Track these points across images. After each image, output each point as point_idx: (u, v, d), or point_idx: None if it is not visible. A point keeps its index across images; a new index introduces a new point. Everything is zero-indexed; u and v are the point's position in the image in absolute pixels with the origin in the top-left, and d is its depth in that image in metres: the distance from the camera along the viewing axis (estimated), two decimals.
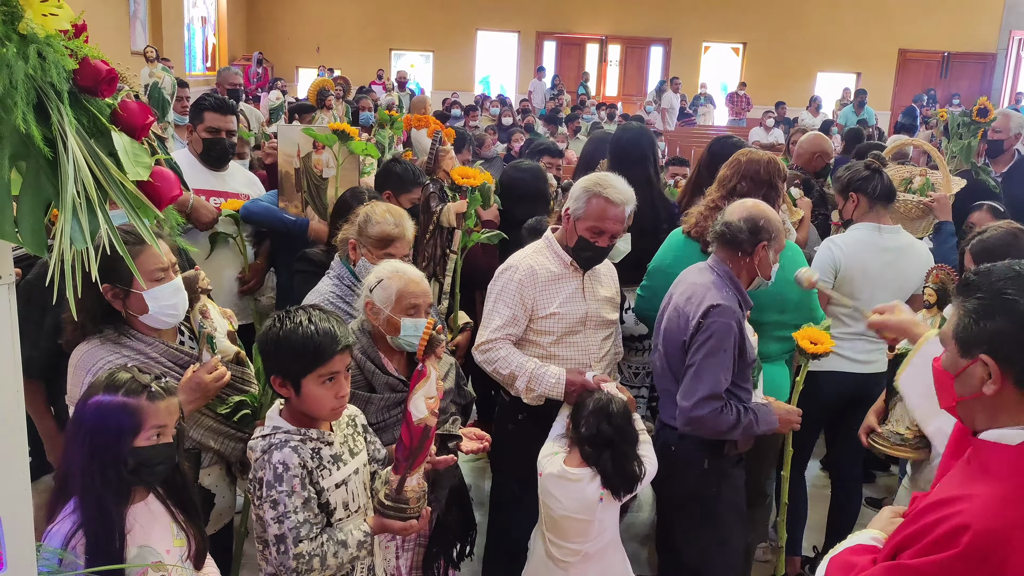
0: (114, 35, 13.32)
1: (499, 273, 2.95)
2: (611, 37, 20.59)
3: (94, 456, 1.80)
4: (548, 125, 11.74)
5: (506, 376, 2.86)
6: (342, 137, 3.88)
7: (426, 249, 3.40)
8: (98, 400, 1.83)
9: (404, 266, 2.60)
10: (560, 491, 2.63)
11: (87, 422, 1.83)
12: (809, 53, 19.67)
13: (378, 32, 19.95)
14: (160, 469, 1.89)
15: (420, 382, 2.13)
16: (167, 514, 1.96)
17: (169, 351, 2.30)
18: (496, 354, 2.85)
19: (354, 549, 2.08)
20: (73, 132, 1.27)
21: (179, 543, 1.96)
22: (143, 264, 2.18)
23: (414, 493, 2.17)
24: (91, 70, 1.33)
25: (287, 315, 2.10)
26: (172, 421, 1.90)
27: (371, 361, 2.53)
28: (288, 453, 2.03)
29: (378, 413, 2.53)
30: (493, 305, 2.90)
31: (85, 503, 1.80)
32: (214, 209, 3.62)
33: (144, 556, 1.86)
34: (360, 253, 2.86)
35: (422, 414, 2.11)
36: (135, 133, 1.40)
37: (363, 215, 2.89)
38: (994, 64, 19.98)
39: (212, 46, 18.28)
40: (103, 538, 1.78)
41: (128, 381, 1.85)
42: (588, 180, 2.89)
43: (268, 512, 2.01)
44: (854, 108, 15.48)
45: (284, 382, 2.07)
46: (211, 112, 3.75)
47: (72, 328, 2.26)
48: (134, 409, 1.83)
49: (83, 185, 1.26)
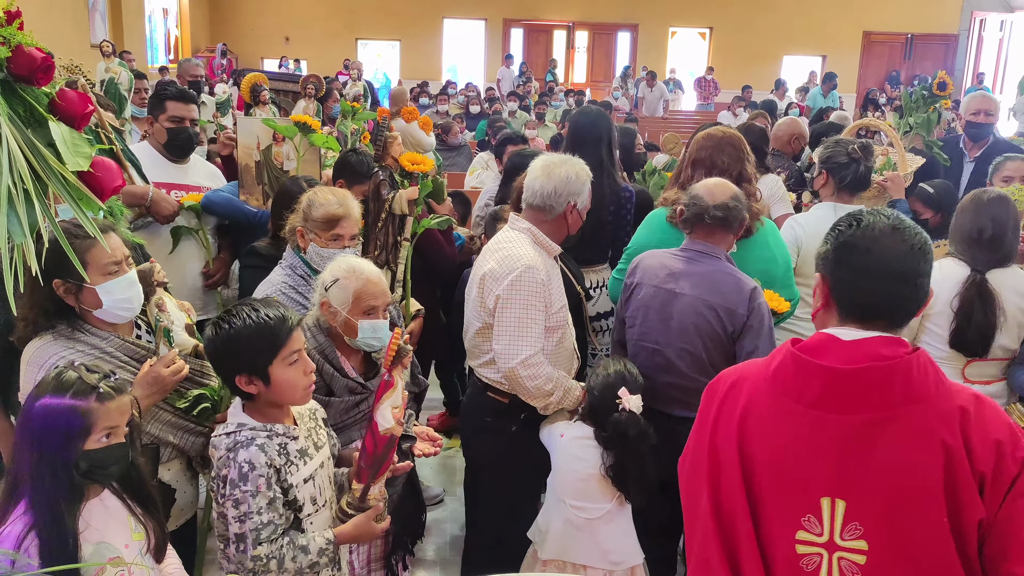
0: (72, 28, 13.07)
1: (516, 274, 2.71)
2: (578, 23, 20.58)
3: (43, 459, 1.76)
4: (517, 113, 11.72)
5: (546, 391, 2.75)
6: (303, 129, 3.85)
7: (378, 237, 3.35)
8: (45, 403, 1.77)
9: (361, 264, 2.52)
10: (586, 452, 2.73)
11: (35, 424, 1.78)
12: (775, 37, 19.81)
13: (344, 22, 19.77)
14: (113, 470, 1.85)
15: (387, 392, 2.12)
16: (124, 508, 1.92)
17: (125, 345, 2.26)
18: (541, 370, 2.71)
19: (314, 555, 2.05)
20: (7, 121, 1.24)
21: (138, 536, 1.93)
22: (95, 258, 2.13)
23: (376, 500, 2.18)
24: (25, 58, 1.30)
25: (229, 315, 2.06)
26: (123, 420, 1.85)
27: (330, 363, 2.49)
28: (255, 452, 1.99)
29: (337, 416, 2.50)
30: (524, 312, 2.69)
31: (36, 505, 1.76)
32: (174, 202, 3.56)
33: (101, 552, 1.83)
34: (309, 239, 2.82)
35: (389, 424, 2.11)
36: (74, 123, 1.38)
37: (306, 200, 2.85)
38: (956, 45, 20.25)
39: (174, 38, 18.01)
40: (56, 539, 1.75)
41: (76, 382, 1.79)
42: (579, 169, 2.83)
43: (231, 511, 1.98)
44: (822, 91, 15.62)
45: (251, 378, 2.03)
46: (173, 101, 3.68)
47: (24, 324, 2.21)
48: (83, 411, 1.77)
49: (19, 176, 1.23)
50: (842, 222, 1.66)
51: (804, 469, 1.58)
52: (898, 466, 1.51)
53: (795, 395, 1.59)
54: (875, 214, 1.65)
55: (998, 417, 1.54)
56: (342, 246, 2.83)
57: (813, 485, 1.57)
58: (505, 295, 2.70)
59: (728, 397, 1.70)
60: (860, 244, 1.61)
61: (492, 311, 2.75)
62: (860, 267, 1.60)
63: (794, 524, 1.58)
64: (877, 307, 1.60)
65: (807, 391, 1.58)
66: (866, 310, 1.60)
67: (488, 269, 2.77)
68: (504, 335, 2.71)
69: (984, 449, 1.49)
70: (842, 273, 1.63)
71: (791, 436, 1.59)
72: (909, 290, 1.60)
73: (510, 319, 2.70)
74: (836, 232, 1.65)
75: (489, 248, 2.90)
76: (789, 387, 1.61)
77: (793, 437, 1.59)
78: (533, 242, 2.81)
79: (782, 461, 1.60)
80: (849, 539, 1.55)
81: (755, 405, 1.64)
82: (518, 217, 2.89)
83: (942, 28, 20.19)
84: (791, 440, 1.59)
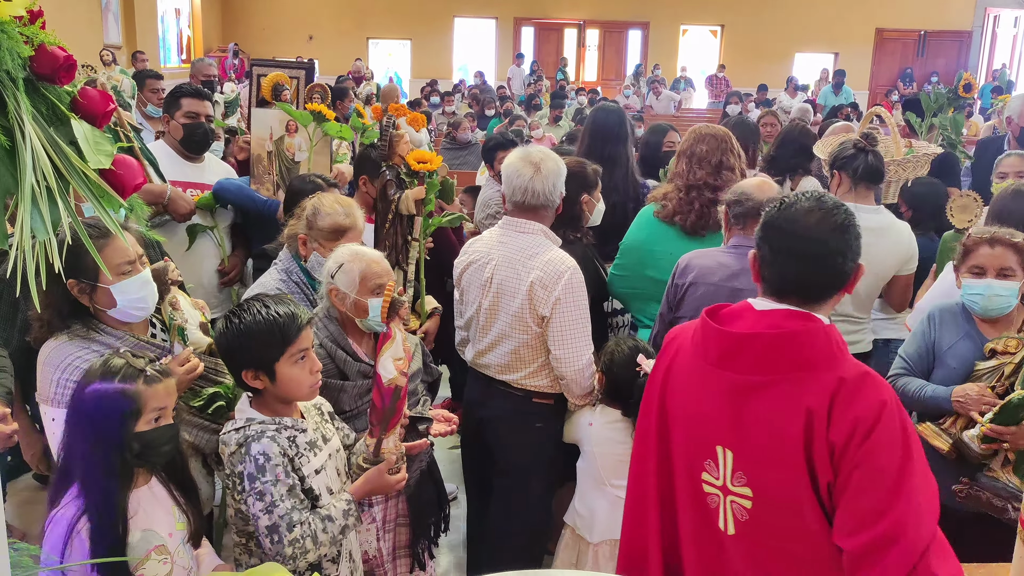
0: (86, 28, 13.14)
1: (568, 277, 2.71)
2: (589, 22, 20.54)
3: (97, 443, 1.82)
4: (528, 112, 11.70)
5: (592, 385, 2.85)
6: (317, 118, 3.86)
7: (387, 238, 3.36)
8: (96, 388, 1.84)
9: (361, 248, 2.57)
10: (620, 433, 2.83)
11: (88, 409, 1.84)
12: (787, 34, 19.70)
13: (355, 21, 19.79)
14: (165, 450, 1.92)
15: (386, 344, 2.14)
16: (170, 498, 1.98)
17: (140, 344, 2.26)
18: (593, 368, 2.84)
19: (341, 520, 2.09)
20: (31, 120, 1.24)
21: (181, 526, 1.99)
22: (109, 257, 2.14)
23: (391, 454, 2.20)
24: (48, 57, 1.31)
25: (240, 310, 2.09)
26: (171, 402, 1.92)
27: (342, 349, 2.51)
28: (267, 443, 2.02)
29: (351, 400, 2.52)
30: (580, 313, 2.74)
31: (88, 489, 1.82)
32: (191, 200, 3.59)
33: (148, 539, 1.89)
34: (311, 248, 2.79)
35: (391, 375, 2.12)
36: (96, 121, 1.38)
37: (310, 208, 2.80)
38: (970, 41, 20.09)
39: (187, 38, 18.08)
40: (107, 523, 1.81)
41: (123, 367, 1.86)
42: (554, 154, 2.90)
43: (255, 505, 2.00)
44: (833, 89, 15.56)
45: (257, 374, 2.06)
46: (188, 98, 3.72)
47: (39, 325, 2.23)
48: (133, 394, 1.84)
49: (43, 174, 1.24)
50: (772, 202, 1.82)
51: (706, 419, 1.77)
52: (770, 425, 1.67)
53: (703, 354, 1.78)
54: (800, 196, 1.77)
55: (874, 396, 1.63)
56: None
57: (712, 434, 1.76)
58: (564, 299, 2.70)
59: (664, 352, 1.91)
60: (780, 225, 1.75)
61: (545, 319, 2.74)
62: (777, 247, 1.74)
63: (699, 467, 1.79)
64: (790, 284, 1.73)
65: (711, 351, 1.76)
66: (781, 286, 1.75)
67: (535, 278, 2.72)
68: (567, 339, 2.73)
69: (842, 421, 1.61)
70: (764, 252, 1.77)
71: (699, 389, 1.79)
72: (821, 268, 1.72)
73: (571, 322, 2.73)
74: (766, 212, 1.80)
75: (511, 257, 2.80)
76: (700, 347, 1.79)
77: (700, 389, 1.78)
78: (550, 242, 2.82)
79: (692, 410, 1.80)
80: (737, 485, 1.74)
81: (678, 360, 1.86)
82: (522, 219, 2.84)
83: (955, 24, 20.04)
84: (699, 392, 1.79)
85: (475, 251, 2.95)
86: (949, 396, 2.57)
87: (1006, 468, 2.49)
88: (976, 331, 2.68)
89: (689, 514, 1.83)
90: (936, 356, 2.73)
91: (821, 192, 1.79)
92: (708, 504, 1.77)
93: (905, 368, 2.78)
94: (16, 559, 1.50)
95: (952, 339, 2.70)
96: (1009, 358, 2.54)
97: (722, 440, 1.74)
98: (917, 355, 2.77)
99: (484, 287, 2.85)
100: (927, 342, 2.76)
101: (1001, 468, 2.49)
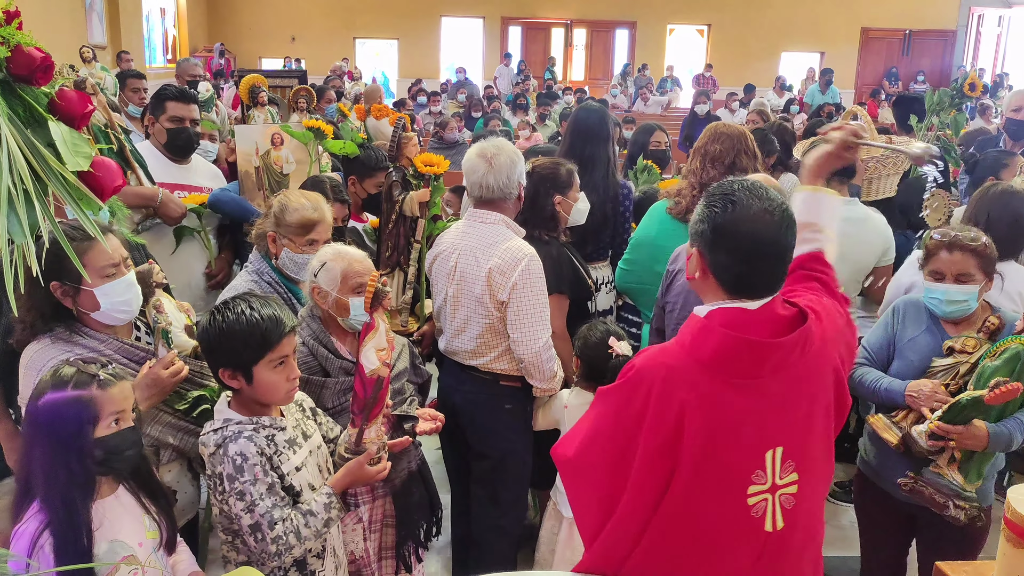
0: (70, 28, 13.04)
1: (525, 263, 2.80)
2: (576, 21, 20.56)
3: (55, 453, 1.78)
4: (515, 112, 11.70)
5: (554, 371, 2.93)
6: (318, 135, 3.88)
7: (389, 239, 3.36)
8: (49, 399, 1.79)
9: (344, 247, 2.58)
10: None
11: (43, 420, 1.79)
12: (773, 33, 19.79)
13: (341, 20, 19.75)
14: (129, 455, 1.88)
15: (369, 334, 2.14)
16: (139, 506, 1.95)
17: (124, 347, 2.25)
18: (552, 351, 2.91)
19: (323, 513, 2.09)
20: (6, 121, 1.23)
21: (152, 535, 1.95)
22: (93, 260, 2.12)
23: (373, 444, 2.20)
24: (25, 58, 1.30)
25: (226, 307, 2.07)
26: (128, 405, 1.88)
27: (324, 346, 2.52)
28: (244, 443, 2.02)
29: (334, 397, 2.52)
30: (537, 298, 2.83)
31: (49, 501, 1.78)
32: (183, 203, 3.56)
33: (115, 550, 1.85)
34: (281, 245, 2.79)
35: (374, 365, 2.12)
36: (74, 122, 1.37)
37: (277, 205, 2.81)
38: (955, 40, 20.23)
39: (172, 38, 17.99)
40: (70, 535, 1.77)
41: (75, 374, 1.82)
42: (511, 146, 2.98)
43: (236, 505, 2.00)
44: (820, 87, 15.63)
45: (234, 373, 2.05)
46: (173, 102, 3.67)
47: (22, 328, 2.20)
48: (88, 400, 1.80)
49: (19, 176, 1.23)
50: (716, 202, 1.75)
51: (752, 434, 1.73)
52: (811, 396, 1.78)
53: (739, 373, 1.72)
54: (745, 191, 1.74)
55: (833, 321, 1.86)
56: (317, 251, 2.80)
57: (760, 444, 1.74)
58: (521, 284, 2.80)
59: (664, 392, 1.72)
60: (737, 229, 1.72)
61: (503, 304, 2.84)
62: (739, 251, 1.73)
63: (745, 483, 1.74)
64: (759, 284, 1.75)
65: (751, 365, 1.72)
66: (749, 287, 1.75)
67: (493, 264, 2.82)
68: (524, 323, 2.83)
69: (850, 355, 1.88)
70: (720, 256, 1.75)
71: (739, 410, 1.72)
72: (783, 265, 1.77)
73: (527, 307, 2.82)
74: (712, 212, 1.75)
75: (473, 246, 2.91)
76: (732, 367, 1.72)
77: (741, 411, 1.72)
78: (511, 231, 2.92)
79: (729, 436, 1.72)
80: (785, 476, 1.76)
81: (694, 395, 1.71)
82: (484, 211, 2.95)
83: (940, 24, 20.17)
84: (739, 414, 1.72)
85: (442, 242, 3.07)
86: (903, 390, 2.60)
87: (951, 465, 2.52)
88: (938, 327, 2.70)
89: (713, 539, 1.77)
90: (896, 348, 2.75)
91: (755, 184, 1.77)
92: (752, 515, 1.75)
93: (866, 359, 2.81)
94: None
95: (914, 332, 2.72)
96: (966, 357, 2.57)
97: (772, 442, 1.75)
98: (879, 346, 2.80)
99: (449, 276, 2.97)
100: (889, 334, 2.79)
101: (947, 465, 2.52)
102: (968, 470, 2.52)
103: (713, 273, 1.77)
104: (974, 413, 2.45)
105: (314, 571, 2.21)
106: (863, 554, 3.01)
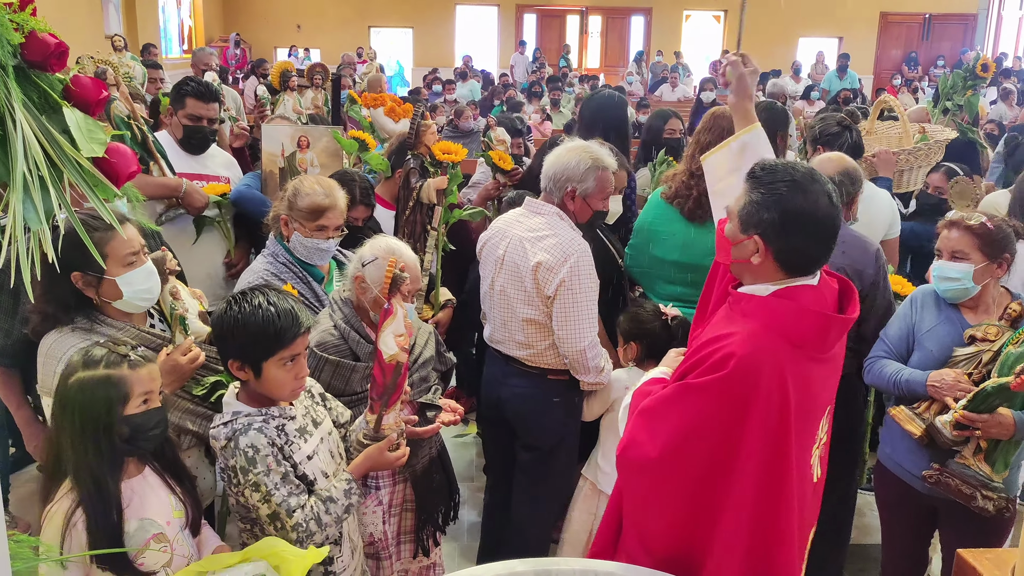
0: (86, 19, 13.09)
1: (574, 259, 2.76)
2: (591, 8, 20.43)
3: (85, 431, 1.81)
4: (530, 99, 11.65)
5: (600, 366, 2.91)
6: (361, 147, 3.90)
7: (406, 225, 3.36)
8: (81, 377, 1.82)
9: (400, 247, 2.56)
10: None
11: (74, 398, 1.82)
12: (791, 19, 19.54)
13: (356, 9, 19.71)
14: (155, 434, 1.90)
15: (387, 320, 2.13)
16: (164, 487, 1.97)
17: (141, 335, 2.26)
18: (599, 348, 2.89)
19: (343, 499, 2.10)
20: (21, 107, 1.23)
21: (178, 515, 1.98)
22: (115, 249, 2.14)
23: (391, 430, 2.20)
24: (39, 44, 1.29)
25: (243, 297, 2.05)
26: (156, 387, 1.91)
27: (355, 331, 2.52)
28: (254, 435, 2.01)
29: (363, 381, 2.51)
30: (585, 296, 2.78)
31: (80, 479, 1.82)
32: (206, 194, 3.57)
33: (145, 528, 1.88)
34: (292, 228, 2.81)
35: (392, 351, 2.11)
36: (89, 109, 1.37)
37: (291, 189, 2.84)
38: (975, 25, 19.95)
39: (188, 28, 18.02)
40: (101, 512, 1.80)
41: (106, 355, 1.86)
42: (585, 155, 2.85)
43: (252, 496, 2.01)
44: (837, 73, 15.46)
45: (243, 366, 2.04)
46: (193, 99, 3.66)
47: (40, 319, 2.22)
48: (119, 379, 1.83)
49: (34, 163, 1.22)
50: (780, 188, 1.83)
51: (822, 400, 1.93)
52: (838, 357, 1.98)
53: (822, 348, 1.88)
54: (802, 175, 1.84)
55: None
56: (327, 237, 2.81)
57: (823, 407, 1.95)
58: (568, 281, 2.76)
59: (772, 375, 1.80)
60: (815, 214, 1.82)
61: (550, 299, 2.80)
62: (817, 235, 1.84)
63: (812, 444, 1.94)
64: (817, 263, 1.89)
65: (831, 340, 1.89)
66: (808, 266, 1.88)
67: (541, 259, 2.78)
68: (569, 320, 2.80)
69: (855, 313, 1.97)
70: (796, 240, 1.83)
71: (816, 381, 1.88)
72: (833, 245, 1.88)
73: (574, 304, 2.79)
74: (778, 197, 1.82)
75: (522, 237, 2.85)
76: (819, 344, 1.87)
77: (817, 381, 1.89)
78: (569, 226, 2.86)
79: (811, 406, 1.88)
80: (823, 435, 1.99)
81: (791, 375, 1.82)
82: (541, 202, 2.91)
83: (961, 7, 19.88)
84: (816, 384, 1.88)
85: (495, 228, 3.04)
86: (924, 381, 2.57)
87: (977, 456, 2.48)
88: (958, 315, 2.66)
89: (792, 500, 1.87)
90: (915, 338, 2.72)
91: (811, 171, 1.87)
92: (811, 471, 1.94)
93: (885, 351, 2.77)
94: (16, 550, 1.50)
95: (932, 322, 2.69)
96: (988, 345, 2.53)
97: (828, 403, 1.96)
98: (897, 337, 2.76)
99: (497, 264, 2.94)
100: (908, 324, 2.75)
101: (972, 456, 2.48)
102: (994, 460, 2.48)
103: (776, 257, 1.84)
104: (999, 401, 2.41)
105: (332, 557, 2.21)
106: (884, 545, 2.98)
